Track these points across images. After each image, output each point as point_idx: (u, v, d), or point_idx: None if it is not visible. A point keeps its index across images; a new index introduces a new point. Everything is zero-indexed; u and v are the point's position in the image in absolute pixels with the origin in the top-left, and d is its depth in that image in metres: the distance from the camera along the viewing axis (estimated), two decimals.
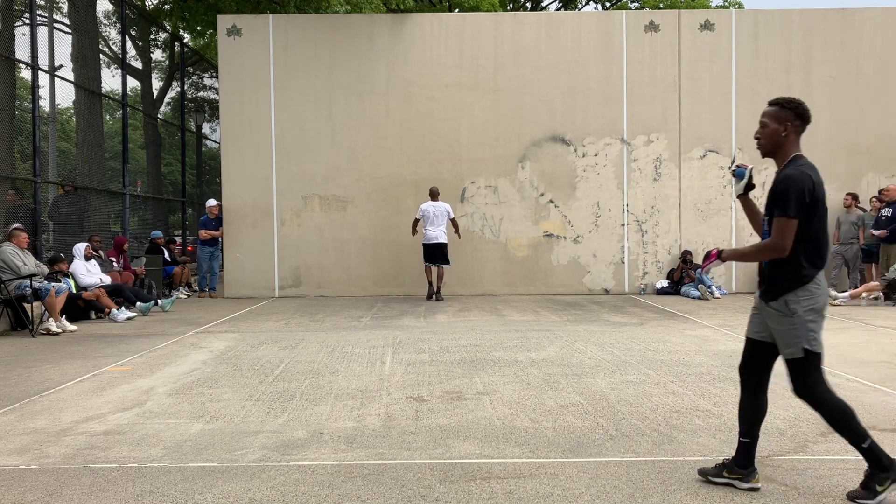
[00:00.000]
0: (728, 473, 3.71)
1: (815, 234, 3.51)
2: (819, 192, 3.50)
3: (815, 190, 3.48)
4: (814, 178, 3.50)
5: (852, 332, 8.70)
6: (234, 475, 3.94)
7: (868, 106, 13.49)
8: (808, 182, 3.46)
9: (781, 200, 3.46)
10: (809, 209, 3.46)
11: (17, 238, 9.64)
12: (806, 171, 3.50)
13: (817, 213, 3.50)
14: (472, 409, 5.25)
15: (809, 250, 3.51)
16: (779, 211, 3.47)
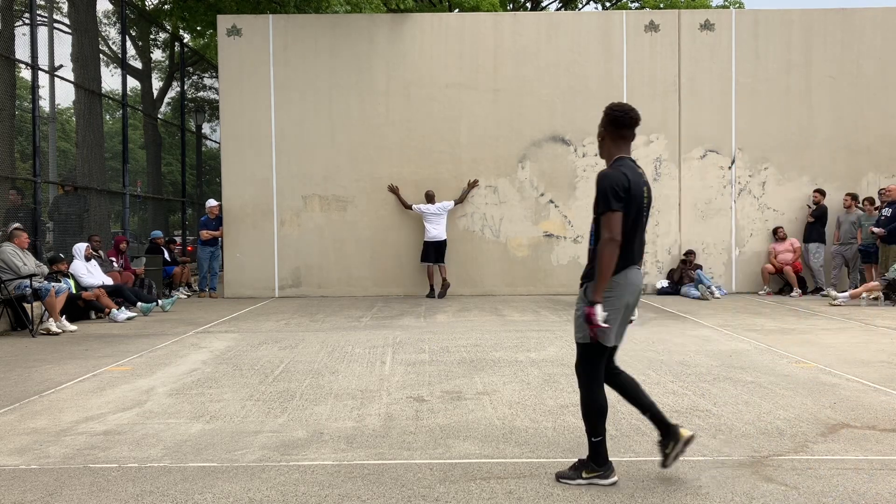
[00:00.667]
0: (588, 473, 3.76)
1: (625, 230, 3.66)
2: (634, 191, 3.65)
3: (630, 188, 3.64)
4: (630, 177, 3.65)
5: (852, 332, 8.70)
6: (234, 475, 3.94)
7: (868, 106, 13.48)
8: (623, 179, 3.64)
9: (601, 198, 3.65)
10: (623, 202, 3.64)
11: (18, 238, 9.64)
12: (623, 170, 3.68)
13: (629, 210, 3.65)
14: (472, 409, 5.25)
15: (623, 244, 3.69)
16: (602, 208, 3.65)
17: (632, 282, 3.76)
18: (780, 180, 13.53)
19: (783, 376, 6.25)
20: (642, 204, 3.71)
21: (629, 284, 3.74)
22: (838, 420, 4.91)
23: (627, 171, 3.68)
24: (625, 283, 3.72)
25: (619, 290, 3.71)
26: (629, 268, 3.73)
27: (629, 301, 3.78)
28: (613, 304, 3.70)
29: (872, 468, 3.98)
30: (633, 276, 3.77)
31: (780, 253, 13.18)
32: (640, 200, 3.70)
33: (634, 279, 3.78)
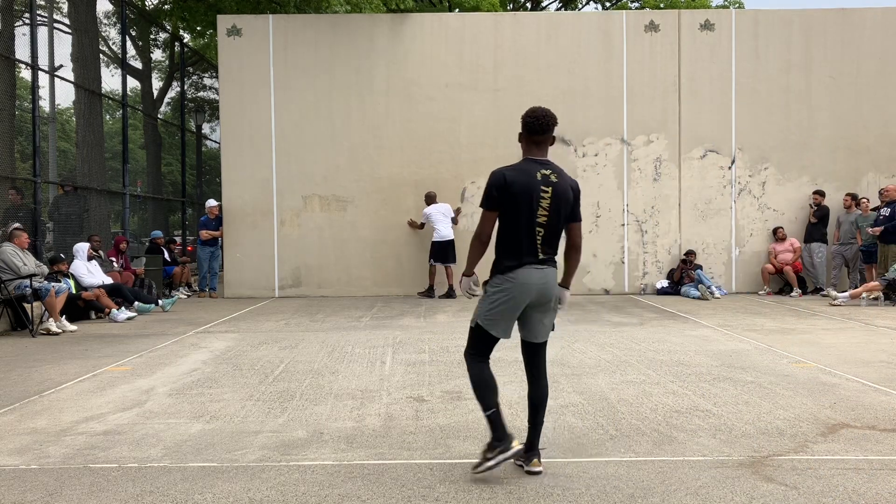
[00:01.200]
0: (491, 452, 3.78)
1: (506, 229, 3.82)
2: (516, 190, 3.75)
3: (507, 187, 3.76)
4: (511, 178, 3.78)
5: (852, 332, 8.70)
6: (234, 475, 3.94)
7: (868, 106, 13.48)
8: (500, 179, 3.79)
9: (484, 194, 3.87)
10: (499, 203, 3.79)
11: (18, 238, 9.64)
12: (505, 170, 3.83)
13: (508, 209, 3.78)
14: (472, 409, 5.25)
15: (503, 244, 3.86)
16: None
17: (524, 281, 3.80)
18: (780, 180, 13.53)
19: (783, 376, 6.25)
20: (531, 204, 3.77)
21: (521, 284, 3.80)
22: (838, 420, 4.91)
23: (515, 171, 3.82)
24: (515, 282, 3.80)
25: (509, 287, 3.81)
26: (523, 267, 3.80)
27: (522, 300, 3.83)
28: (500, 299, 3.82)
29: (872, 468, 3.98)
30: (527, 276, 3.81)
31: (780, 253, 13.19)
32: (528, 200, 3.76)
33: (528, 279, 3.81)
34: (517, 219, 3.79)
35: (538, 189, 3.79)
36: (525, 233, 3.80)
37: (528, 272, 3.81)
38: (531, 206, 3.77)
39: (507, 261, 3.83)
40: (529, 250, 3.82)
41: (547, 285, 3.87)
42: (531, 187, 3.77)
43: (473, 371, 3.93)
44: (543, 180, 3.81)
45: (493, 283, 3.87)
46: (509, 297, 3.81)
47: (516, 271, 3.80)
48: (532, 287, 3.82)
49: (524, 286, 3.80)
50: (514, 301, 3.82)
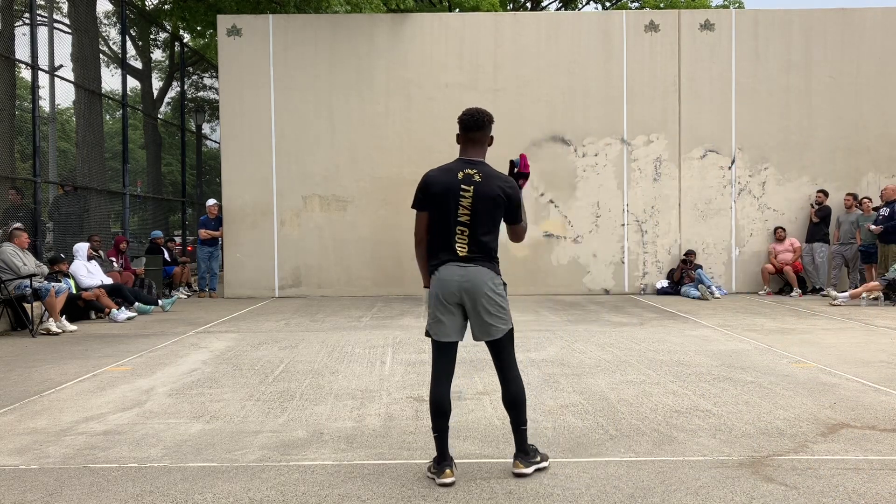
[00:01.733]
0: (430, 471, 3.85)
1: (432, 229, 3.87)
2: (436, 189, 3.82)
3: (428, 187, 3.85)
4: (429, 178, 3.86)
5: (852, 332, 8.70)
6: (234, 475, 3.94)
7: (868, 106, 13.48)
8: (422, 179, 3.89)
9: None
10: (423, 203, 3.87)
11: (18, 238, 9.64)
12: (432, 170, 3.92)
13: (431, 209, 3.85)
14: (472, 409, 5.25)
15: (430, 243, 3.90)
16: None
17: (445, 278, 3.82)
18: (780, 180, 13.53)
19: (783, 376, 6.25)
20: (451, 203, 3.79)
21: (442, 281, 3.82)
22: (838, 420, 4.90)
23: (439, 171, 3.88)
24: (437, 280, 3.84)
25: (434, 285, 3.86)
26: (445, 265, 3.83)
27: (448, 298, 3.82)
28: (430, 301, 3.88)
29: (872, 468, 3.98)
30: (448, 273, 3.82)
31: (780, 253, 13.19)
32: (447, 199, 3.79)
33: (449, 276, 3.82)
34: (440, 218, 3.83)
35: (457, 188, 3.80)
36: (447, 231, 3.83)
37: (449, 270, 3.81)
38: (451, 206, 3.79)
39: (432, 259, 3.89)
40: (450, 249, 3.83)
41: (472, 282, 3.79)
42: (450, 187, 3.80)
43: (430, 390, 3.91)
44: (465, 179, 3.82)
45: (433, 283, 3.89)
46: (434, 295, 3.84)
47: (439, 269, 3.84)
48: (453, 284, 3.79)
49: (445, 283, 3.80)
50: (440, 299, 3.82)
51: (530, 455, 3.88)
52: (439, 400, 3.84)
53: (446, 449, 3.83)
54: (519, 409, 3.89)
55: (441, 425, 3.84)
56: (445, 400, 3.85)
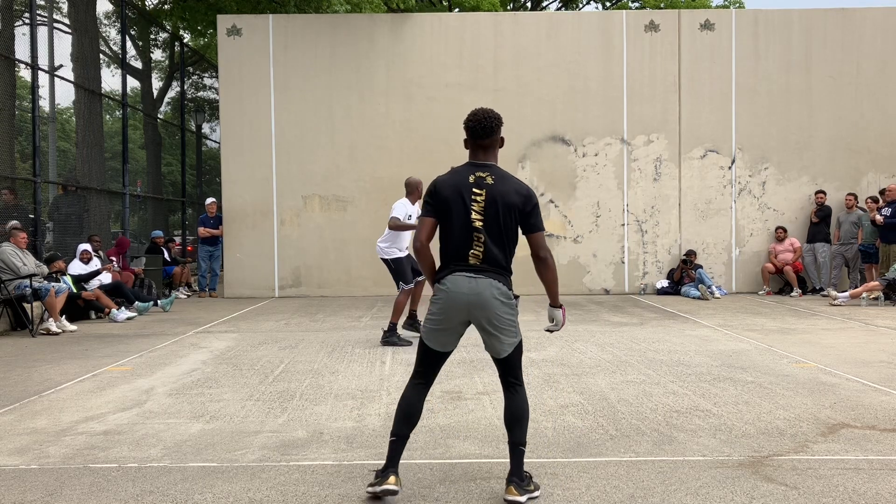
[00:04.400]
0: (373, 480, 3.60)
1: (443, 236, 3.66)
2: (446, 193, 3.60)
3: (436, 191, 3.63)
4: (438, 182, 3.65)
5: (852, 332, 8.70)
6: (234, 475, 3.94)
7: (868, 106, 13.48)
8: (432, 184, 3.68)
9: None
10: (433, 209, 3.64)
11: (17, 238, 9.64)
12: (441, 175, 3.71)
13: (442, 215, 3.62)
14: (472, 409, 5.25)
15: (441, 251, 3.65)
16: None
17: (453, 290, 3.56)
18: (780, 180, 13.53)
19: (783, 376, 6.25)
20: (462, 207, 3.56)
21: (449, 293, 3.56)
22: (838, 420, 4.90)
23: (449, 175, 3.68)
24: (444, 290, 3.59)
25: (440, 295, 3.61)
26: (453, 274, 3.58)
27: (455, 311, 3.57)
28: (432, 309, 3.63)
29: (872, 468, 3.98)
30: (456, 284, 3.57)
31: (781, 253, 13.19)
32: (458, 203, 3.57)
33: (457, 287, 3.56)
34: (451, 224, 3.59)
35: (469, 191, 3.57)
36: (458, 238, 3.58)
37: (457, 280, 3.56)
38: (462, 210, 3.56)
39: (441, 269, 3.64)
40: (460, 257, 3.58)
41: (481, 297, 3.54)
42: (462, 190, 3.58)
43: (404, 392, 3.70)
44: (476, 182, 3.59)
45: (435, 291, 3.66)
46: (439, 306, 3.59)
47: (446, 279, 3.59)
48: (461, 296, 3.54)
49: (453, 295, 3.55)
50: (446, 311, 3.58)
51: (525, 482, 3.57)
52: (411, 402, 3.64)
53: (398, 456, 3.59)
54: (521, 427, 3.61)
55: (403, 431, 3.61)
56: (418, 405, 3.65)
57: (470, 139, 3.71)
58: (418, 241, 3.63)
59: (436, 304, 3.61)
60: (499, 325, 3.60)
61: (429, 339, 3.65)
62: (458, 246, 3.58)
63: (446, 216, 3.60)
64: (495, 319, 3.58)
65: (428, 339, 3.65)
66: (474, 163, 3.69)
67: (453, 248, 3.60)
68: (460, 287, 3.55)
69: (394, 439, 3.59)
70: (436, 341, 3.64)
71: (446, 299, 3.57)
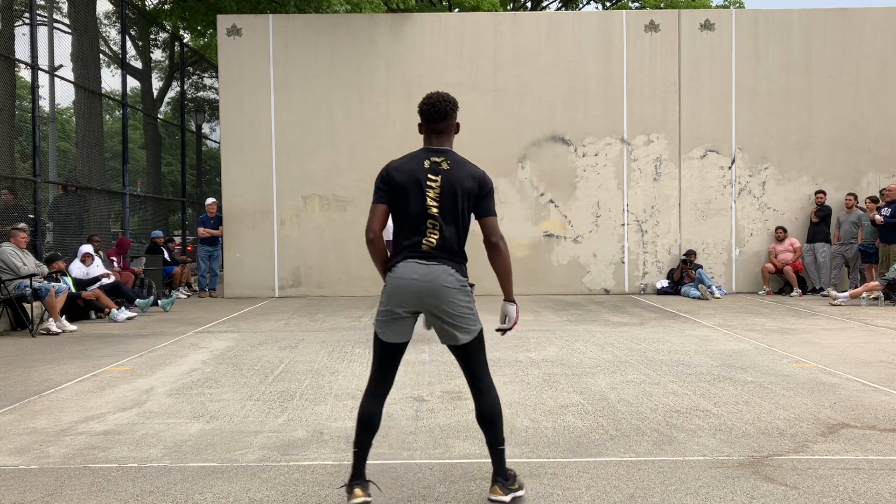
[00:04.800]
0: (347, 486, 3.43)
1: (396, 223, 3.55)
2: (399, 178, 3.46)
3: (389, 177, 3.49)
4: (391, 167, 3.52)
5: (852, 332, 8.70)
6: (234, 475, 3.94)
7: (868, 106, 13.48)
8: (384, 171, 3.54)
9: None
10: (385, 195, 3.51)
11: (17, 238, 9.64)
12: (394, 160, 3.58)
13: (394, 201, 3.50)
14: (472, 409, 5.20)
15: (394, 239, 3.56)
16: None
17: (403, 275, 3.43)
18: (780, 180, 13.53)
19: (783, 376, 6.25)
20: (417, 193, 3.43)
21: (400, 279, 3.43)
22: (838, 420, 4.90)
23: (403, 160, 3.54)
24: (394, 277, 3.46)
25: (390, 282, 3.48)
26: (406, 261, 3.45)
27: (405, 298, 3.43)
28: (383, 300, 3.50)
29: (872, 468, 3.98)
30: (408, 270, 3.43)
31: (780, 253, 13.19)
32: (413, 189, 3.43)
33: (409, 273, 3.43)
34: (405, 211, 3.47)
35: (424, 177, 3.44)
36: (412, 225, 3.46)
37: (408, 267, 3.43)
38: (418, 196, 3.43)
39: (393, 257, 3.52)
40: (414, 245, 3.45)
41: (434, 283, 3.40)
42: (416, 175, 3.44)
43: (362, 401, 3.53)
44: (432, 168, 3.46)
45: (388, 278, 3.52)
46: (389, 294, 3.45)
47: (398, 265, 3.46)
48: (413, 283, 3.40)
49: (402, 284, 3.41)
50: (395, 299, 3.44)
51: (510, 481, 3.47)
52: (372, 413, 3.47)
53: (363, 467, 3.43)
54: (495, 427, 3.48)
55: (365, 441, 3.45)
56: (378, 414, 3.49)
57: (424, 123, 3.57)
58: (371, 231, 3.53)
59: (387, 293, 3.47)
60: (455, 312, 3.45)
61: (384, 331, 3.49)
62: (412, 233, 3.47)
63: (400, 202, 3.48)
64: (450, 307, 3.44)
65: (383, 332, 3.49)
66: (429, 148, 3.55)
67: (406, 235, 3.49)
68: (411, 273, 3.42)
69: (357, 451, 3.44)
70: (391, 332, 3.49)
71: (398, 286, 3.43)
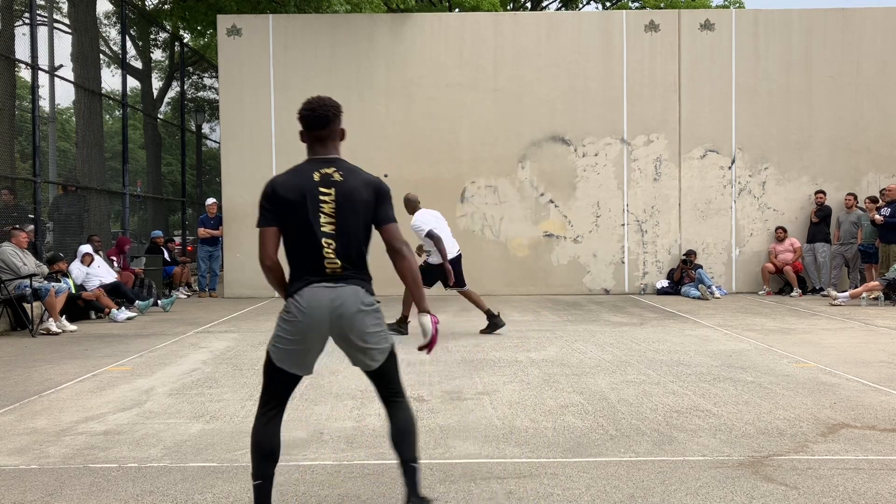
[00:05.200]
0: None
1: (289, 245, 3.17)
2: (287, 195, 3.10)
3: (276, 196, 3.11)
4: (276, 184, 3.14)
5: (852, 332, 8.70)
6: (234, 475, 3.94)
7: (868, 106, 13.48)
8: (268, 188, 3.15)
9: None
10: (273, 217, 3.13)
11: (17, 238, 9.63)
12: (277, 176, 3.19)
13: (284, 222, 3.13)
14: (472, 409, 5.25)
15: (290, 264, 3.21)
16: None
17: (311, 304, 3.12)
18: (780, 180, 13.53)
19: (783, 376, 6.25)
20: (309, 210, 3.10)
21: (307, 308, 3.12)
22: (838, 420, 4.90)
23: (288, 175, 3.18)
24: (300, 306, 3.14)
25: (294, 312, 3.16)
26: (309, 287, 3.12)
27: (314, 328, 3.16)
28: (285, 328, 3.19)
29: (872, 468, 3.98)
30: (314, 297, 3.12)
31: (781, 253, 13.19)
32: (304, 206, 3.10)
33: (316, 300, 3.12)
34: (297, 231, 3.12)
35: (316, 191, 3.11)
36: (308, 246, 3.12)
37: (315, 293, 3.11)
38: (311, 213, 3.10)
39: (293, 282, 3.18)
40: (315, 267, 3.12)
41: (343, 308, 3.12)
42: (306, 190, 3.11)
43: (255, 427, 3.20)
44: (323, 180, 3.13)
45: (283, 309, 3.22)
46: (296, 325, 3.15)
47: (301, 292, 3.12)
48: (322, 311, 3.11)
49: (311, 311, 3.11)
50: (305, 330, 3.15)
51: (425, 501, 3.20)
52: (273, 439, 3.17)
53: (269, 501, 3.18)
54: (409, 443, 3.22)
55: (268, 472, 3.16)
56: (279, 439, 3.19)
57: (306, 132, 3.24)
58: (268, 258, 3.16)
59: (291, 323, 3.16)
60: (367, 339, 3.20)
61: (284, 361, 3.20)
62: (310, 254, 3.13)
63: (291, 222, 3.12)
64: (361, 333, 3.18)
65: (283, 362, 3.20)
66: (316, 158, 3.22)
67: (304, 257, 3.15)
68: (320, 299, 3.12)
69: (259, 482, 3.16)
70: (294, 364, 3.22)
71: (305, 317, 3.13)
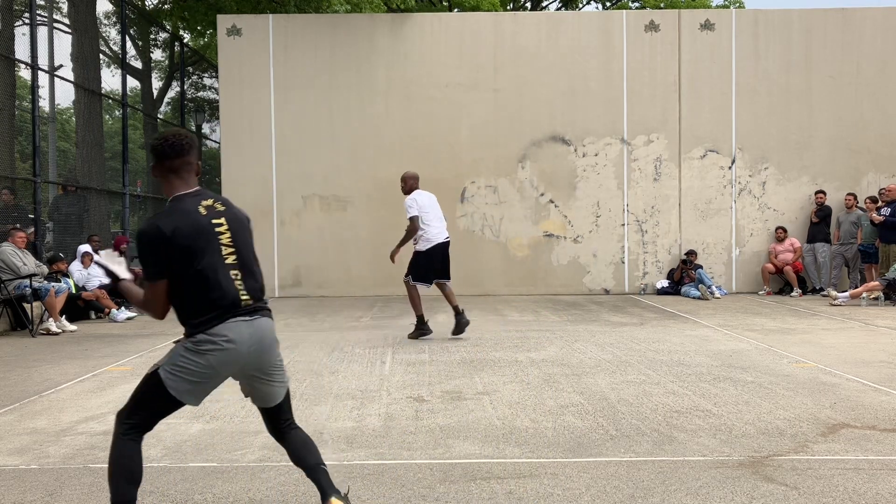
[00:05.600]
0: None
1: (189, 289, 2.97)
2: (181, 239, 2.91)
3: (170, 241, 2.91)
4: (163, 228, 2.91)
5: (852, 332, 8.70)
6: (234, 475, 3.94)
7: (868, 106, 13.48)
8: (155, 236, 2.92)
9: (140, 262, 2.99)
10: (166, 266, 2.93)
11: (14, 238, 9.63)
12: (157, 221, 2.95)
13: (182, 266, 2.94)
14: (472, 409, 5.25)
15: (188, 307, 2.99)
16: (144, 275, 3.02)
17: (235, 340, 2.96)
18: (780, 180, 13.53)
19: (783, 376, 6.25)
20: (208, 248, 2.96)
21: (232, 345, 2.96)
22: (838, 420, 4.90)
23: (170, 217, 2.96)
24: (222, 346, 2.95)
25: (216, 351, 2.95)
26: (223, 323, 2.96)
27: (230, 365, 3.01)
28: (199, 361, 2.95)
29: (872, 468, 3.98)
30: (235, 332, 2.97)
31: (781, 253, 13.19)
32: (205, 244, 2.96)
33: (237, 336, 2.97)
34: (203, 270, 2.95)
35: (210, 226, 3.00)
36: (218, 284, 2.97)
37: (237, 328, 2.97)
38: (214, 251, 2.98)
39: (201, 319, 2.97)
40: (230, 302, 2.99)
41: (263, 343, 3.05)
42: (201, 228, 2.97)
43: (118, 448, 3.02)
44: (210, 213, 3.02)
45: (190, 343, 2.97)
46: (210, 358, 2.95)
47: (222, 327, 2.95)
48: (243, 346, 2.98)
49: (237, 347, 2.97)
50: (218, 364, 2.97)
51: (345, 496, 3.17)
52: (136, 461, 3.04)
53: None
54: (312, 450, 3.24)
55: (132, 494, 3.03)
56: (141, 463, 3.07)
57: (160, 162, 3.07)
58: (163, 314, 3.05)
59: (208, 356, 2.95)
60: (274, 370, 3.15)
61: (182, 392, 2.98)
62: (220, 291, 2.97)
63: (193, 264, 2.94)
64: (272, 365, 3.13)
65: (180, 393, 2.98)
66: (185, 194, 3.05)
67: (214, 295, 2.97)
68: (240, 335, 2.98)
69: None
70: (191, 396, 3.02)
71: (226, 352, 2.96)
